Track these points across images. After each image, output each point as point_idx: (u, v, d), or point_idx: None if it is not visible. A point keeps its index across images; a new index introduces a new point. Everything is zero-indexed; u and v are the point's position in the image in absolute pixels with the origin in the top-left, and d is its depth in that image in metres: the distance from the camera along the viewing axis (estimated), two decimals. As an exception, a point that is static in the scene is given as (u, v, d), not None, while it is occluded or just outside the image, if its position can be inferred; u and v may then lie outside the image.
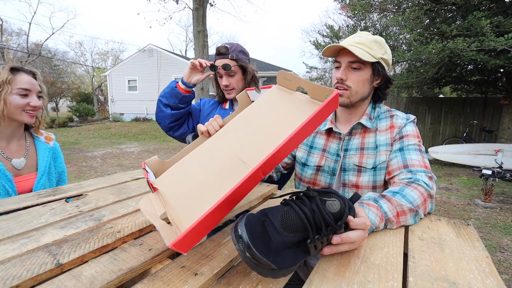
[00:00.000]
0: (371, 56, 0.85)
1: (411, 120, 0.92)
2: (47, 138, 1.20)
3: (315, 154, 1.00)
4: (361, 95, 0.90)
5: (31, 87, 1.05)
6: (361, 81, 0.88)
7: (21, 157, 1.07)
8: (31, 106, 1.05)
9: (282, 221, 0.45)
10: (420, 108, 7.98)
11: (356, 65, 0.87)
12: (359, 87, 0.89)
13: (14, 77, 1.01)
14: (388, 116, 0.94)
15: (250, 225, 0.43)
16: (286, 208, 0.48)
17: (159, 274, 0.48)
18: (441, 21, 5.86)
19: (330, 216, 0.46)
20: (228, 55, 1.26)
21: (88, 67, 27.81)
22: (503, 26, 4.63)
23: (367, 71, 0.88)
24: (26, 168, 1.08)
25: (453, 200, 3.99)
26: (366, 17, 7.57)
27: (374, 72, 0.88)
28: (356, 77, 0.88)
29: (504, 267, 2.29)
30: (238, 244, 0.42)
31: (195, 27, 6.46)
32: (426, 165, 0.81)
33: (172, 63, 15.37)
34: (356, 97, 0.90)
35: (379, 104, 0.98)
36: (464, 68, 6.88)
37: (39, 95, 1.09)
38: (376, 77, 0.90)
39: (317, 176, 0.98)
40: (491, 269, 0.50)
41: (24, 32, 20.01)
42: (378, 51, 0.87)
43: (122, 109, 16.46)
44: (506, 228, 3.02)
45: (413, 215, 0.68)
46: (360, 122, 0.92)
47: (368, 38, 0.88)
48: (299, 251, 0.46)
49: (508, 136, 6.07)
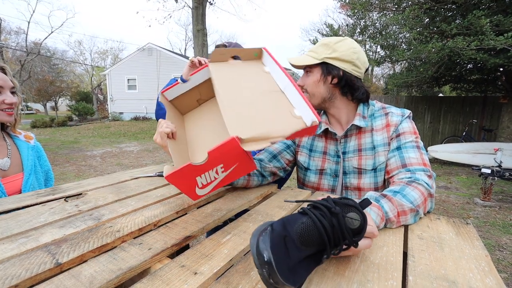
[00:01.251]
0: (314, 59, 0.91)
1: (406, 116, 0.91)
2: (27, 137, 1.16)
3: (316, 157, 1.00)
4: (319, 96, 0.93)
5: (2, 84, 0.99)
6: (312, 83, 0.93)
7: (5, 157, 1.04)
8: (6, 103, 0.99)
9: (301, 234, 0.42)
10: (419, 107, 7.98)
11: (307, 69, 0.95)
12: (313, 89, 0.93)
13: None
14: (383, 114, 0.93)
15: (275, 247, 0.38)
16: (304, 219, 0.44)
17: (159, 274, 0.48)
18: (440, 20, 5.86)
19: (350, 232, 0.44)
20: None
21: (87, 66, 27.75)
22: (502, 25, 4.63)
23: (316, 73, 0.92)
24: (11, 168, 1.05)
25: (452, 199, 4.00)
26: (365, 16, 7.57)
27: (323, 72, 0.91)
28: (308, 80, 0.94)
29: (503, 266, 2.30)
30: (262, 269, 0.37)
31: (195, 26, 6.45)
32: (424, 163, 0.80)
33: (172, 62, 15.34)
34: (316, 99, 0.94)
35: (372, 102, 0.97)
36: (464, 67, 6.88)
37: (12, 90, 1.04)
38: (327, 76, 0.91)
39: (320, 180, 0.99)
40: (491, 268, 0.50)
41: (23, 31, 19.94)
42: (322, 52, 0.90)
43: (122, 108, 16.43)
44: (505, 227, 3.02)
45: (414, 215, 0.68)
46: (354, 123, 0.92)
47: (319, 43, 0.94)
48: (311, 262, 0.44)
49: (507, 135, 6.08)
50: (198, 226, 0.66)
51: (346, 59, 0.89)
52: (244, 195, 0.90)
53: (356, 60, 0.89)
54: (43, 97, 19.47)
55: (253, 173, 0.95)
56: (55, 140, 9.47)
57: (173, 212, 0.75)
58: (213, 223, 0.70)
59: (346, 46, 0.89)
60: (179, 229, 0.65)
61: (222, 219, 0.73)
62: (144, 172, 1.16)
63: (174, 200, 0.84)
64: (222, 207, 0.79)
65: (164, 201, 0.83)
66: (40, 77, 18.55)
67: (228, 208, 0.78)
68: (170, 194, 0.89)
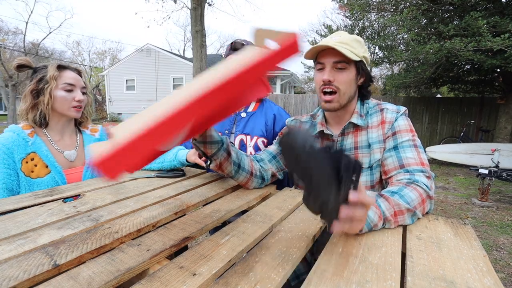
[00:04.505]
0: (355, 55, 0.84)
1: (402, 113, 0.89)
2: (92, 130, 1.27)
3: None
4: (348, 95, 0.89)
5: (75, 82, 1.12)
6: (348, 81, 0.86)
7: (72, 150, 1.14)
8: (76, 100, 1.11)
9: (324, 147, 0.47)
10: (417, 108, 8.02)
11: (341, 65, 0.85)
12: (347, 87, 0.87)
13: (60, 74, 1.09)
14: (378, 110, 0.92)
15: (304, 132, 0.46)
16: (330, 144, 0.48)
17: (157, 275, 0.48)
18: (438, 21, 5.90)
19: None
20: None
21: (85, 66, 27.67)
22: (499, 26, 4.66)
23: (352, 70, 0.87)
24: (77, 160, 1.14)
25: (450, 199, 4.01)
26: (364, 17, 7.60)
27: (359, 70, 0.88)
28: (343, 78, 0.86)
29: (501, 266, 2.31)
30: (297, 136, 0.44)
31: (193, 26, 6.45)
32: (422, 162, 0.79)
33: (170, 62, 15.33)
34: (345, 99, 0.89)
35: (367, 100, 0.96)
36: (461, 68, 6.93)
37: (83, 91, 1.16)
38: (360, 75, 0.89)
39: None
40: (489, 268, 0.51)
41: (20, 31, 19.89)
42: (360, 49, 0.86)
43: (120, 109, 16.40)
44: (502, 227, 3.04)
45: (411, 215, 0.68)
46: (351, 121, 0.91)
47: (349, 37, 0.87)
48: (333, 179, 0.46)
49: (504, 136, 6.12)
50: (197, 227, 0.66)
51: (368, 61, 0.90)
52: (243, 196, 0.90)
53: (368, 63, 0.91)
54: (41, 98, 19.35)
55: (255, 174, 0.94)
56: (53, 141, 9.42)
57: (172, 213, 0.74)
58: (211, 224, 0.69)
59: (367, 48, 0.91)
60: (177, 230, 0.65)
61: (221, 220, 0.73)
62: (143, 173, 1.16)
63: (173, 201, 0.84)
64: (221, 208, 0.79)
65: (163, 202, 0.83)
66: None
67: (227, 209, 0.78)
68: (169, 195, 0.89)
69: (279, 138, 0.44)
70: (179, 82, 15.14)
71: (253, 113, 1.34)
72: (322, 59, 0.87)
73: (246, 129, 1.31)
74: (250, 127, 1.31)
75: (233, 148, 0.87)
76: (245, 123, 1.32)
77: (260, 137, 1.29)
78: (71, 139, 1.16)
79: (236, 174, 0.89)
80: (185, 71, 14.69)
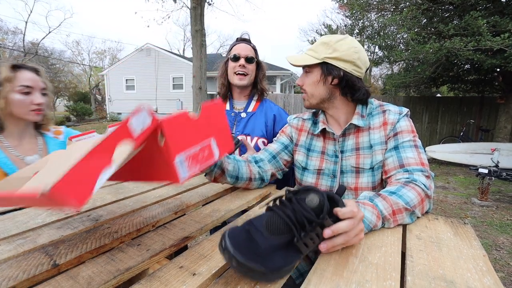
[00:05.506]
0: (314, 58, 0.89)
1: (404, 114, 0.90)
2: (56, 133, 1.19)
3: (314, 157, 0.99)
4: (318, 96, 0.93)
5: (33, 84, 1.03)
6: (312, 83, 0.92)
7: (35, 154, 1.07)
8: (35, 103, 1.04)
9: (267, 225, 0.48)
10: (417, 108, 8.02)
11: (306, 69, 0.94)
12: (313, 89, 0.93)
13: (15, 75, 1.00)
14: (381, 111, 0.92)
15: (233, 235, 0.46)
16: (269, 213, 0.50)
17: (157, 275, 0.48)
18: (438, 20, 5.89)
19: (311, 212, 0.48)
20: (250, 42, 1.35)
21: (85, 66, 27.66)
22: (499, 26, 4.66)
23: (316, 73, 0.91)
24: None
25: (449, 198, 4.02)
26: (364, 17, 7.59)
27: (324, 72, 0.90)
28: (307, 80, 0.93)
29: (500, 265, 2.31)
30: (224, 255, 0.45)
31: (193, 26, 6.44)
32: (422, 162, 0.80)
33: (170, 62, 15.31)
34: (314, 99, 0.94)
35: (370, 100, 0.96)
36: (461, 67, 6.93)
37: (43, 92, 1.08)
38: (327, 76, 0.89)
39: (318, 180, 0.98)
40: (488, 268, 0.51)
41: (20, 31, 19.86)
42: (322, 51, 0.89)
43: (120, 109, 16.37)
44: (502, 227, 3.04)
45: (409, 214, 0.68)
46: (352, 122, 0.91)
47: (318, 41, 0.92)
48: (291, 252, 0.48)
49: (504, 135, 6.12)
50: (197, 227, 0.66)
51: (346, 59, 0.87)
52: (242, 195, 0.90)
53: (357, 60, 0.87)
54: (41, 98, 19.31)
55: (254, 178, 0.95)
56: (52, 140, 9.41)
57: (172, 213, 0.74)
58: (211, 224, 0.69)
59: (347, 45, 0.87)
60: (177, 230, 0.65)
61: (221, 219, 0.73)
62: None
63: (173, 201, 0.83)
64: (221, 207, 0.79)
65: (163, 202, 0.83)
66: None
67: (227, 209, 0.78)
68: (169, 195, 0.89)
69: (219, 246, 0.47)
70: (179, 81, 15.10)
71: (253, 113, 1.34)
72: None
73: (246, 129, 1.31)
74: (250, 127, 1.31)
75: (230, 161, 0.88)
76: (245, 124, 1.31)
77: (261, 138, 1.29)
78: (30, 143, 1.09)
79: (234, 183, 0.92)
80: (185, 71, 14.66)
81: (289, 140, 1.06)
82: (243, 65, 1.28)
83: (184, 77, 14.87)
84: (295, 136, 1.05)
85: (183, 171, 0.48)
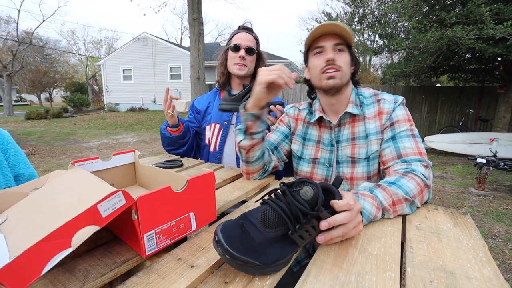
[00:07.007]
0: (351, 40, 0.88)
1: (399, 103, 0.88)
2: None
3: (310, 146, 0.98)
4: (347, 77, 0.89)
5: None
6: (347, 63, 0.88)
7: None
8: None
9: (262, 219, 0.48)
10: (417, 97, 7.97)
11: (341, 47, 0.86)
12: (347, 68, 0.88)
13: None
14: (375, 100, 0.91)
15: (226, 229, 0.46)
16: (264, 207, 0.50)
17: (155, 267, 0.48)
18: (440, 8, 5.77)
19: (305, 204, 0.47)
20: (252, 32, 1.31)
21: (81, 56, 27.24)
22: (502, 14, 4.57)
23: (348, 53, 0.88)
24: None
25: (447, 188, 4.05)
26: (364, 4, 7.43)
27: (352, 56, 0.89)
28: (343, 58, 0.86)
29: (495, 253, 2.35)
30: (218, 249, 0.44)
31: (190, 14, 6.29)
32: (420, 152, 0.79)
33: (168, 51, 15.08)
34: (345, 79, 0.88)
35: (361, 90, 0.95)
36: (462, 56, 6.84)
37: None
38: (353, 61, 0.90)
39: (314, 169, 0.97)
40: (488, 258, 0.50)
41: (13, 20, 19.39)
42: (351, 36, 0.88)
43: (118, 99, 16.23)
44: (498, 216, 3.07)
45: (409, 204, 0.68)
46: (347, 111, 0.89)
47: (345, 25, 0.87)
48: (287, 245, 0.48)
49: (503, 125, 6.12)
50: (195, 219, 0.65)
51: None
52: (241, 186, 0.89)
53: None
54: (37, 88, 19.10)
55: (265, 168, 0.98)
56: (50, 132, 9.36)
57: (170, 204, 0.74)
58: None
59: None
60: (175, 221, 0.64)
61: (220, 210, 0.73)
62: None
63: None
64: (219, 198, 0.78)
65: (160, 193, 0.82)
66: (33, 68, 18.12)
67: (225, 200, 0.77)
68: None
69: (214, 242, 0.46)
70: (177, 71, 14.92)
71: None
72: (322, 43, 0.86)
73: None
74: None
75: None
76: None
77: None
78: None
79: (256, 161, 0.92)
80: (182, 60, 14.45)
81: (288, 129, 1.05)
82: (243, 56, 1.25)
83: (182, 67, 14.68)
84: (293, 125, 1.04)
85: (150, 247, 0.50)
